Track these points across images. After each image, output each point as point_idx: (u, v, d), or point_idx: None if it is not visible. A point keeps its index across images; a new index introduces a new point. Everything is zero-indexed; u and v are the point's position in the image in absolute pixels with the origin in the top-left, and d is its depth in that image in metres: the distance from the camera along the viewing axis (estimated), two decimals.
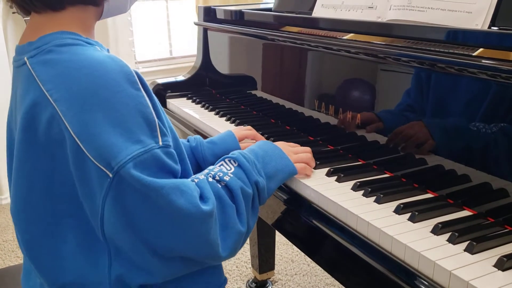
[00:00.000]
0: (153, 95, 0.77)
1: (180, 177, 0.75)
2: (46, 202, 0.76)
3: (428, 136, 0.89)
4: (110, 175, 0.67)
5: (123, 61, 0.72)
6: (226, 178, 0.79)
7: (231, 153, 0.86)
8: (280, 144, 0.96)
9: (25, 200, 0.78)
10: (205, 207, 0.72)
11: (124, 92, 0.69)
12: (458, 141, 0.84)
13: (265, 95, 1.39)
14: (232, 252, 0.77)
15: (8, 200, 2.66)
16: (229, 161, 0.84)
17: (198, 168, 1.04)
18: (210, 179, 0.79)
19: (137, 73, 0.73)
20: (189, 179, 0.77)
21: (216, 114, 1.42)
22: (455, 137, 0.85)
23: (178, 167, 0.74)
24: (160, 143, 0.71)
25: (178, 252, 0.73)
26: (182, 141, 1.06)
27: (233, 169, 0.82)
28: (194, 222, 0.71)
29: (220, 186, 0.78)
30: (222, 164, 0.83)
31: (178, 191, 0.70)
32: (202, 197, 0.74)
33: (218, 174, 0.80)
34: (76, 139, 0.68)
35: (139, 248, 0.72)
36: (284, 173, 0.90)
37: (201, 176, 0.79)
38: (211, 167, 0.83)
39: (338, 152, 1.09)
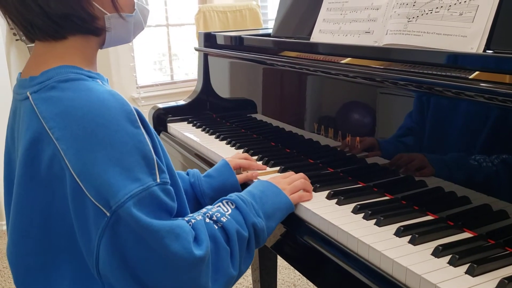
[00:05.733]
0: (153, 132, 0.77)
1: (177, 214, 0.76)
2: (44, 236, 0.76)
3: (427, 158, 0.90)
4: (108, 214, 0.68)
5: (124, 99, 0.73)
6: (223, 219, 0.79)
7: (228, 195, 0.86)
8: (274, 179, 0.97)
9: (22, 233, 0.78)
10: (198, 252, 0.72)
11: (124, 131, 0.70)
12: (457, 163, 0.84)
13: (265, 119, 1.40)
14: None
15: None
16: (227, 203, 0.84)
17: (197, 202, 1.04)
18: (207, 220, 0.79)
19: (137, 111, 0.74)
20: (186, 219, 0.77)
21: (217, 137, 1.43)
22: (454, 160, 0.85)
23: (174, 204, 0.75)
24: (158, 180, 0.72)
25: None
26: (182, 174, 1.07)
27: (230, 211, 0.82)
28: (186, 267, 0.71)
29: (216, 227, 0.78)
30: (219, 206, 0.84)
31: (173, 235, 0.70)
32: (197, 240, 0.74)
33: (215, 214, 0.80)
34: (76, 177, 0.68)
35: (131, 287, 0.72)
36: (282, 210, 0.90)
37: (198, 216, 0.79)
38: (209, 207, 0.83)
39: (338, 175, 1.10)
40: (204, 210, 0.82)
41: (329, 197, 0.97)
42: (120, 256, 0.70)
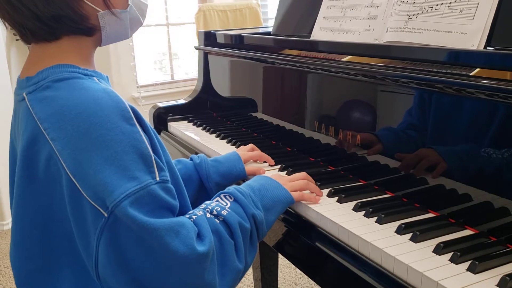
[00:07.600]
0: (151, 129, 0.76)
1: (179, 213, 0.74)
2: (44, 239, 0.75)
3: (428, 156, 0.90)
4: (105, 215, 0.66)
5: (118, 96, 0.71)
6: (224, 212, 0.78)
7: (226, 188, 0.85)
8: (276, 175, 0.96)
9: (23, 236, 0.77)
10: (201, 247, 0.70)
11: (118, 129, 0.68)
12: (458, 160, 0.84)
13: (266, 117, 1.39)
14: None
15: (10, 226, 2.65)
16: (225, 196, 0.83)
17: (201, 186, 1.04)
18: (208, 215, 0.78)
19: (132, 108, 0.72)
20: (187, 215, 0.76)
21: (217, 136, 1.43)
22: (455, 157, 0.85)
23: (176, 202, 0.73)
24: (157, 178, 0.70)
25: None
26: (185, 160, 1.06)
27: (229, 204, 0.81)
28: (189, 264, 0.69)
29: (218, 221, 0.77)
30: (218, 200, 0.82)
31: (173, 232, 0.68)
32: (200, 236, 0.73)
33: (215, 208, 0.79)
34: (72, 178, 0.67)
35: None
36: (282, 203, 0.89)
37: (199, 212, 0.78)
38: (207, 202, 0.82)
39: (339, 173, 1.09)
40: (203, 205, 0.81)
41: (330, 195, 0.96)
42: (120, 258, 0.68)
